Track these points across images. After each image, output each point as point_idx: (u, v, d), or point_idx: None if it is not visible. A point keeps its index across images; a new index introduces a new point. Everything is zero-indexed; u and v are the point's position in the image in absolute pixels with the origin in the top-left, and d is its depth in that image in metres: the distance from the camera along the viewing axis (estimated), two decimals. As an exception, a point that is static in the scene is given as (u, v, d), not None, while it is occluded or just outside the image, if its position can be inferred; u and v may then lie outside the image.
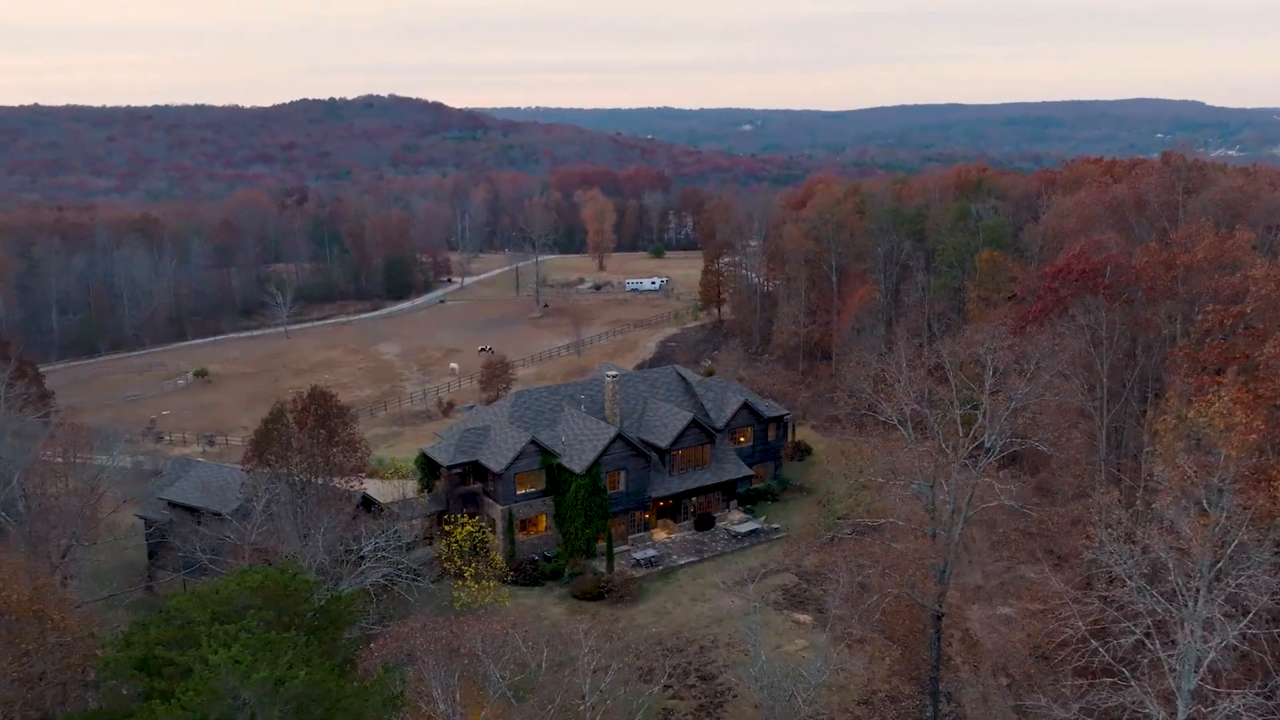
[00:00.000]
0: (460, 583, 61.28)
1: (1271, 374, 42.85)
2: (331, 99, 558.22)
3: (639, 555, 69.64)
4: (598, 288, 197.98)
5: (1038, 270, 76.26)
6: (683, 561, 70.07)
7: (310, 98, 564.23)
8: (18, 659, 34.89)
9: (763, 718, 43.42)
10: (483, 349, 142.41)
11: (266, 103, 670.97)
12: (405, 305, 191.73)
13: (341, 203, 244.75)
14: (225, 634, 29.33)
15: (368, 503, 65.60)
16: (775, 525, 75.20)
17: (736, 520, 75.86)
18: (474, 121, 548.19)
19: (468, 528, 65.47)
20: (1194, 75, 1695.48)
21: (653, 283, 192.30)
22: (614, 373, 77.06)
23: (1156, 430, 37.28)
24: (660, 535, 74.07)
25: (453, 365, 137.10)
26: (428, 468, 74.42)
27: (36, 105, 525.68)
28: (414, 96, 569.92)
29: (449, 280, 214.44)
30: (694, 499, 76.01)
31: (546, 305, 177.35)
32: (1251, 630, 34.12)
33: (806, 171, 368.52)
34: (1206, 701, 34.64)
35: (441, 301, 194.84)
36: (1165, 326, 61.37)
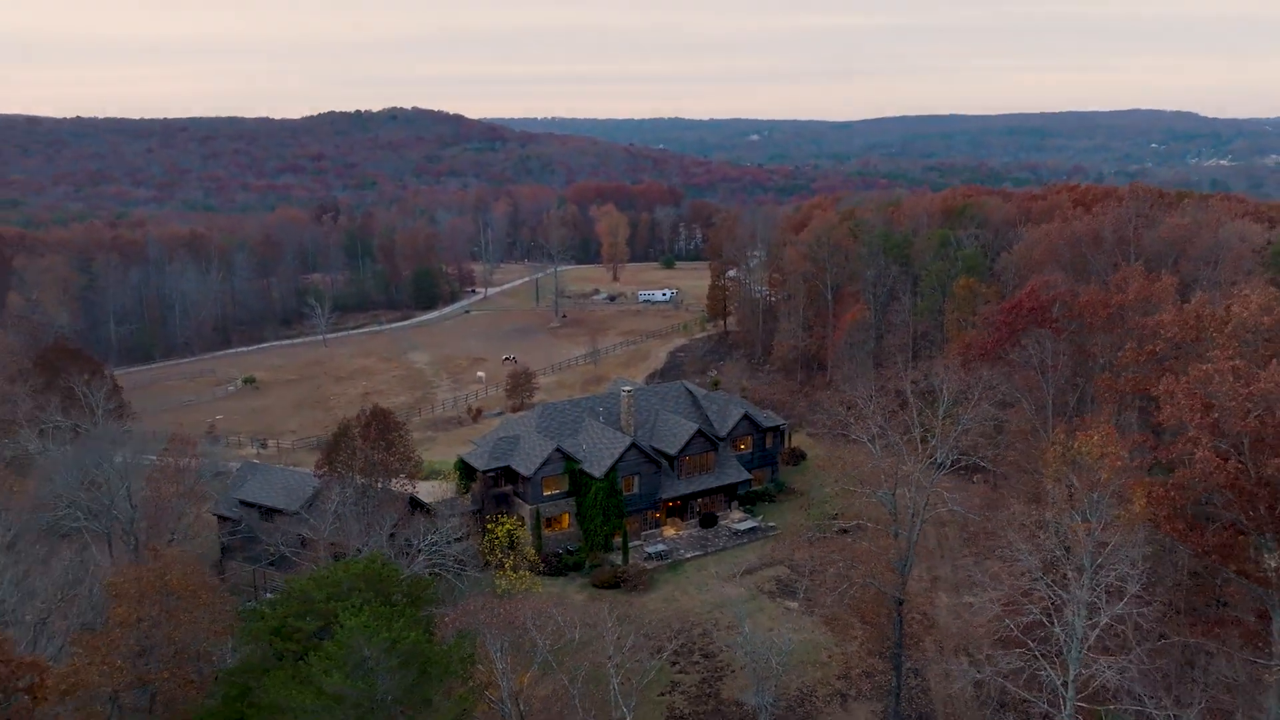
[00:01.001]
0: (500, 572, 68.51)
1: (1163, 404, 52.54)
2: (357, 111, 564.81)
3: (650, 550, 75.31)
4: (612, 299, 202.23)
5: (996, 306, 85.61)
6: (689, 555, 75.29)
7: (337, 110, 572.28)
8: (177, 629, 45.30)
9: (748, 676, 53.59)
10: (507, 358, 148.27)
11: (295, 115, 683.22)
12: (433, 315, 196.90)
13: (372, 217, 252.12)
14: (353, 606, 39.73)
15: (415, 503, 72.27)
16: (771, 524, 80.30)
17: (737, 519, 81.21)
18: (493, 133, 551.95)
19: (507, 525, 72.94)
20: (1188, 87, 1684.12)
21: (663, 294, 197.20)
22: (629, 387, 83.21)
23: (1046, 458, 47.18)
24: (669, 532, 79.28)
25: (479, 374, 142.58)
26: (465, 471, 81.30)
27: (79, 118, 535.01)
28: (435, 109, 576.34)
29: (473, 291, 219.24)
30: (699, 500, 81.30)
31: (565, 316, 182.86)
32: (1121, 611, 43.82)
33: (812, 181, 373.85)
34: (1087, 666, 44.27)
35: (466, 312, 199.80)
36: (1102, 356, 70.65)
